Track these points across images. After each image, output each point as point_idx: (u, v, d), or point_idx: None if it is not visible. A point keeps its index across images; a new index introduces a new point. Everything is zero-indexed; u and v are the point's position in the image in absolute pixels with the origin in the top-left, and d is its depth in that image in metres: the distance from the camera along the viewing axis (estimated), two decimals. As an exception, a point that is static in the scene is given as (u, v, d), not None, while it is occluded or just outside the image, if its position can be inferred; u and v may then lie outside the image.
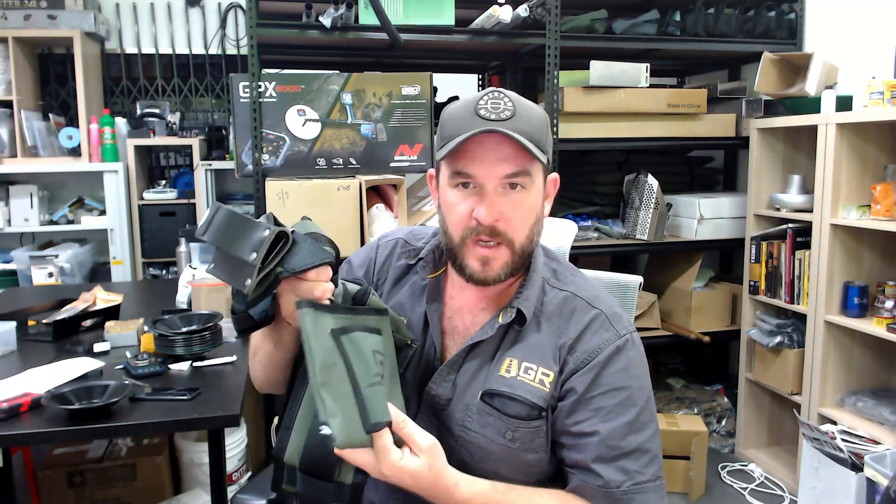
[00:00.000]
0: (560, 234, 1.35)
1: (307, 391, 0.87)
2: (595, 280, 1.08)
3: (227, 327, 1.75)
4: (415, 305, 1.02)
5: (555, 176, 1.00)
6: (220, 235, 0.80)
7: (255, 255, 0.78)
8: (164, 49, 3.62)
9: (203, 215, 3.30)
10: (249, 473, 2.39)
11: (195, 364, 1.63)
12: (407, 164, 2.47)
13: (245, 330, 0.89)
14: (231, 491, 2.02)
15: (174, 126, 3.44)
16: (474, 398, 0.94)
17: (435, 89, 2.62)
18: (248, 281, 0.79)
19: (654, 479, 0.91)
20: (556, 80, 2.57)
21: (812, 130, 2.38)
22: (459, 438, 0.94)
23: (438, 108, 2.94)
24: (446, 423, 0.95)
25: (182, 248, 2.68)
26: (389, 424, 0.79)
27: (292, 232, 0.82)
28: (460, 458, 0.93)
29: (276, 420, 0.94)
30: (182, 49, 3.64)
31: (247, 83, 2.37)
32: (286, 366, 0.96)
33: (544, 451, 0.94)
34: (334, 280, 0.85)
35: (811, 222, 2.36)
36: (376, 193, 2.51)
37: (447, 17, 2.46)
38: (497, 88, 0.91)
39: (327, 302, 0.83)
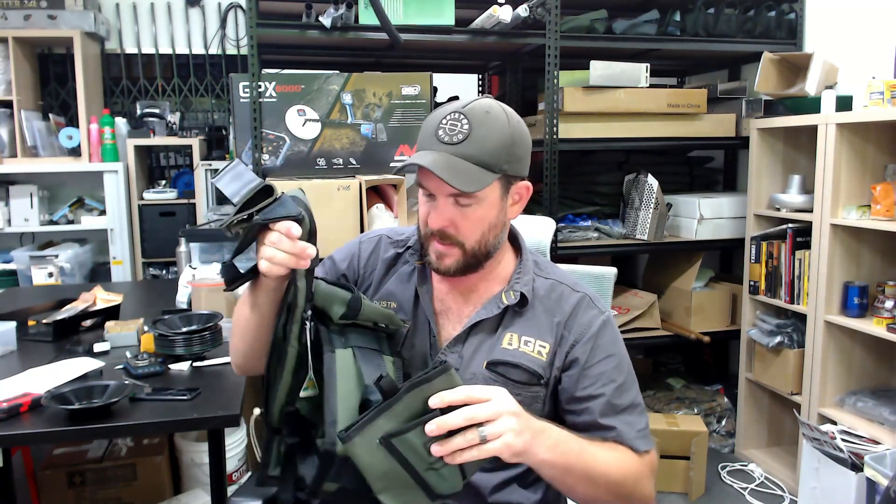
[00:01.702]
0: (540, 231, 1.46)
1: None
2: (574, 273, 1.27)
3: (227, 327, 1.75)
4: (404, 290, 1.13)
5: (526, 184, 1.09)
6: (227, 183, 0.92)
7: (239, 197, 0.89)
8: (164, 49, 3.62)
9: (203, 213, 3.30)
10: (249, 473, 2.38)
11: (195, 364, 1.63)
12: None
13: (231, 281, 0.94)
14: (231, 491, 2.02)
15: (174, 126, 3.45)
16: (479, 367, 1.06)
17: (435, 89, 2.62)
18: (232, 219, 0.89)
19: (646, 428, 1.07)
20: (556, 80, 2.57)
21: (812, 130, 2.38)
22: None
23: (438, 108, 2.95)
24: None
25: (182, 248, 2.68)
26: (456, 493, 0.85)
27: (282, 194, 0.91)
28: None
29: (256, 411, 0.97)
30: (182, 49, 3.64)
31: (247, 83, 2.37)
32: (262, 335, 0.99)
33: (540, 414, 1.02)
34: (313, 242, 0.91)
35: (811, 222, 2.36)
36: (376, 193, 2.51)
37: (447, 17, 2.46)
38: (460, 110, 1.00)
39: (306, 263, 0.90)
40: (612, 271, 1.45)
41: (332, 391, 0.88)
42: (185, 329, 1.67)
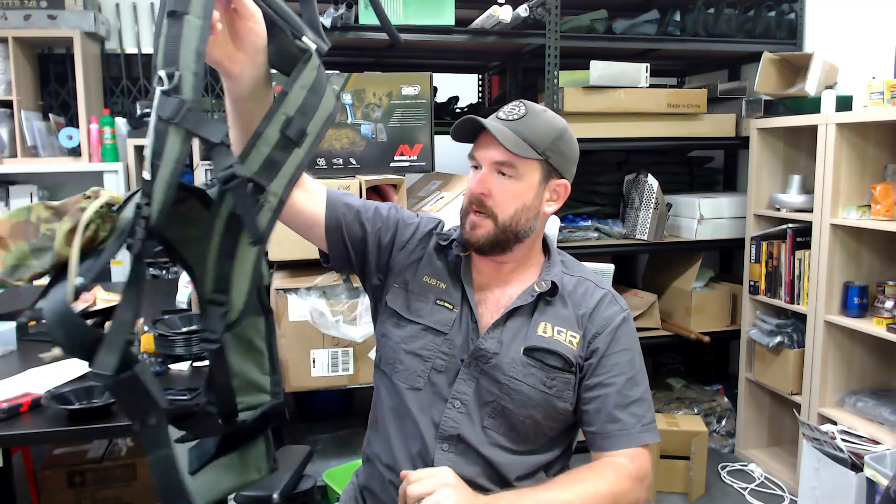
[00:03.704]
0: (547, 226, 1.47)
1: None
2: None
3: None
4: (451, 279, 1.20)
5: (565, 182, 1.20)
6: None
7: None
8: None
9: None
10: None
11: (195, 364, 1.63)
12: (407, 164, 2.47)
13: None
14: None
15: (174, 126, 3.44)
16: (518, 353, 1.12)
17: (435, 89, 2.62)
18: None
19: (652, 422, 1.14)
20: (556, 80, 2.57)
21: (812, 130, 2.38)
22: (504, 386, 1.11)
23: (438, 108, 2.95)
24: (492, 373, 1.12)
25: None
26: None
27: None
28: (502, 405, 1.11)
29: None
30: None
31: (247, 83, 2.37)
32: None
33: (570, 402, 1.14)
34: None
35: (811, 222, 2.36)
36: (376, 193, 2.51)
37: (447, 17, 2.46)
38: (523, 101, 1.15)
39: None
40: (609, 267, 1.50)
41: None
42: (185, 329, 1.68)
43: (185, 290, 2.18)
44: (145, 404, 0.65)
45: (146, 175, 0.63)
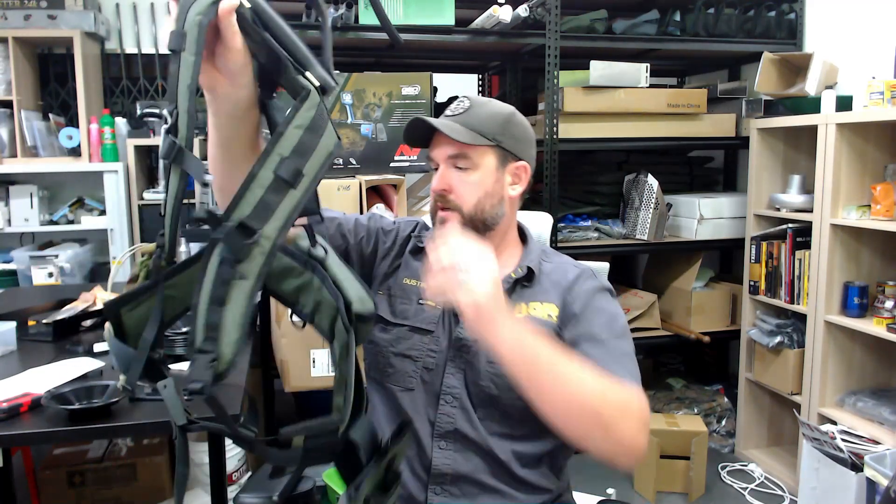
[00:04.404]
0: (539, 225, 1.54)
1: None
2: None
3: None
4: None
5: (524, 164, 1.20)
6: None
7: None
8: (165, 49, 3.61)
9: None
10: (249, 473, 2.38)
11: (195, 364, 1.63)
12: (407, 164, 2.47)
13: None
14: (231, 491, 2.02)
15: (174, 126, 3.44)
16: None
17: (435, 89, 2.62)
18: None
19: (638, 377, 1.04)
20: (556, 80, 2.57)
21: (812, 130, 2.38)
22: (486, 373, 1.11)
23: (438, 108, 2.94)
24: (473, 361, 1.13)
25: (182, 248, 2.67)
26: None
27: None
28: (488, 393, 1.11)
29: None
30: (182, 49, 3.64)
31: (247, 83, 2.37)
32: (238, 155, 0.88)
33: None
34: None
35: (811, 222, 2.36)
36: (376, 193, 2.51)
37: (447, 17, 2.46)
38: (468, 95, 1.20)
39: None
40: (604, 266, 1.52)
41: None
42: (185, 329, 1.67)
43: None
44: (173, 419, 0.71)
45: (161, 211, 0.69)
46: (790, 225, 2.50)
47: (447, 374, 1.13)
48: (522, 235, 1.27)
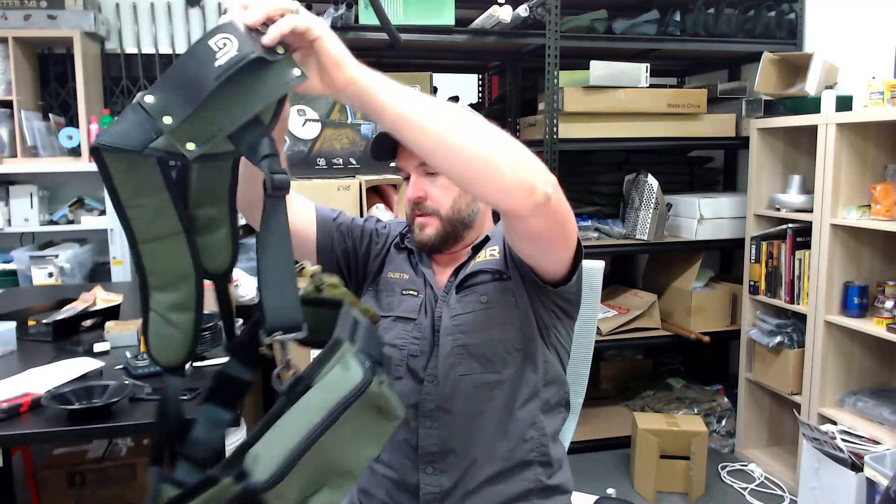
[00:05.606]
0: None
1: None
2: None
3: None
4: (412, 269, 1.25)
5: None
6: None
7: None
8: (165, 49, 3.62)
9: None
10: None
11: (195, 364, 1.63)
12: (407, 164, 2.47)
13: None
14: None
15: (174, 126, 3.44)
16: (454, 298, 1.17)
17: (435, 89, 2.63)
18: None
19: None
20: (556, 80, 2.57)
21: (812, 130, 2.38)
22: (451, 328, 1.14)
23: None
24: (443, 327, 1.15)
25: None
26: None
27: None
28: (460, 344, 1.13)
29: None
30: (182, 49, 3.64)
31: (247, 83, 2.37)
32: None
33: (515, 307, 1.14)
34: None
35: (811, 222, 2.36)
36: (376, 193, 2.51)
37: (447, 17, 2.46)
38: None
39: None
40: (599, 264, 1.54)
41: None
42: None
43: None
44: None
45: None
46: (790, 225, 2.50)
47: (432, 357, 1.15)
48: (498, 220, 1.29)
